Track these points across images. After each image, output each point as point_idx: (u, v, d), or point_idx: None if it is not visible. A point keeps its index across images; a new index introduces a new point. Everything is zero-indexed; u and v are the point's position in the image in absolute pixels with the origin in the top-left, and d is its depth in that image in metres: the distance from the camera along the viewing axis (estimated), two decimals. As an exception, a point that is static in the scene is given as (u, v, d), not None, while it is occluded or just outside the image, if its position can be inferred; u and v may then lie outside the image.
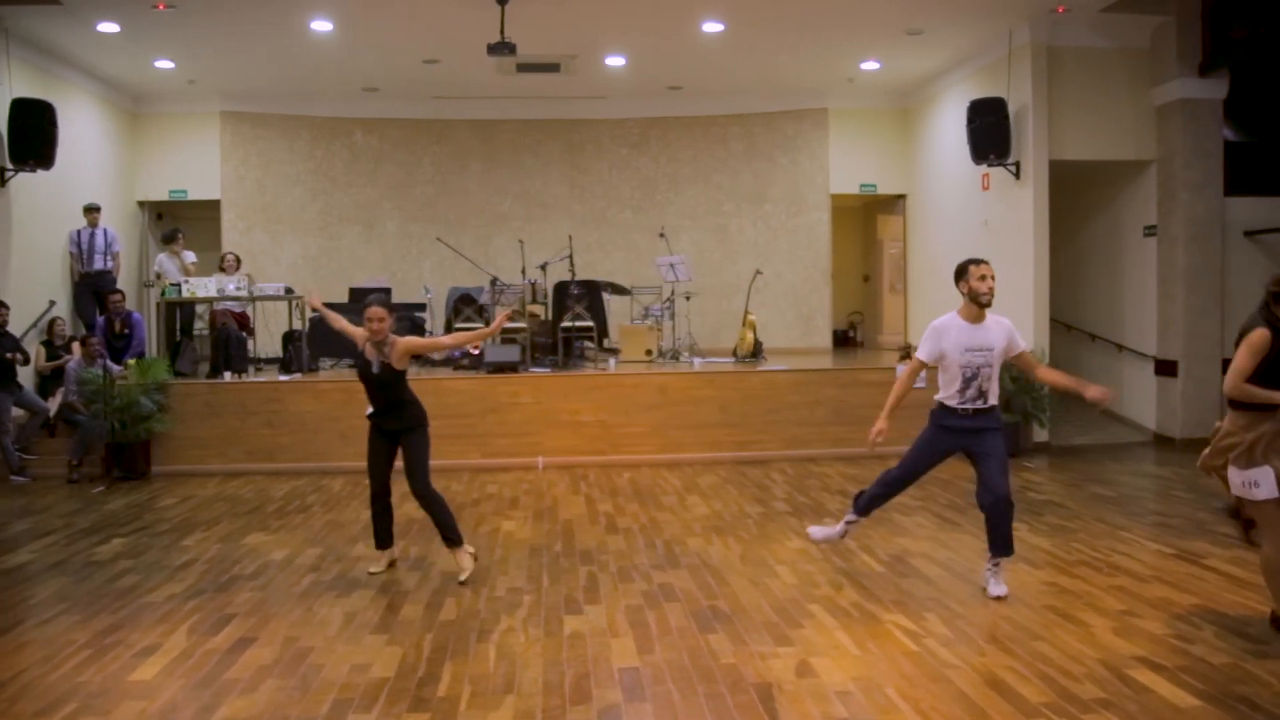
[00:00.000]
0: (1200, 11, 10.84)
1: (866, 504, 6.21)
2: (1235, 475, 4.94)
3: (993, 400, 5.73)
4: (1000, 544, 5.69)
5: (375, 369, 6.22)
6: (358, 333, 6.37)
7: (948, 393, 5.74)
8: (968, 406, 5.69)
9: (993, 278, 5.66)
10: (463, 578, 6.14)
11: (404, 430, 6.29)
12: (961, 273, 5.70)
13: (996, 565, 5.76)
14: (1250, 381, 4.88)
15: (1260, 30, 10.14)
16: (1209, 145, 11.01)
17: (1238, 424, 4.98)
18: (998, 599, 5.64)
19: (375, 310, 6.20)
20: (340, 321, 6.75)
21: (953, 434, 5.77)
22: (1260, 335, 4.92)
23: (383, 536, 6.43)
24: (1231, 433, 5.01)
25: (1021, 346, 5.78)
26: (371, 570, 6.39)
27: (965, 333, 5.65)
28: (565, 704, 4.24)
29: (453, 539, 6.24)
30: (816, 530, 6.55)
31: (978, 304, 5.65)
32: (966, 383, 5.67)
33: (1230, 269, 11.15)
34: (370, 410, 6.40)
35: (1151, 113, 11.31)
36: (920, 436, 5.94)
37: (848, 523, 6.34)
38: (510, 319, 6.42)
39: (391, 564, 6.50)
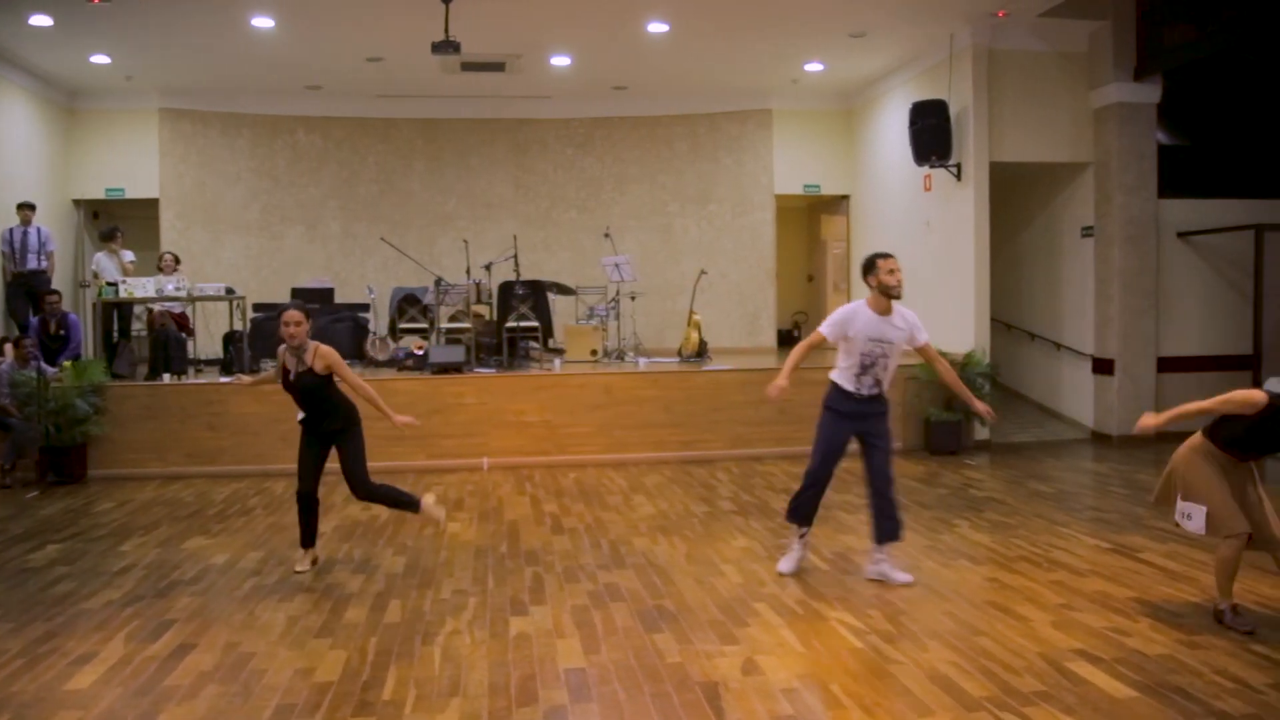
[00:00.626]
0: (1135, 17, 11.07)
1: (806, 512, 6.21)
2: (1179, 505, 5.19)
3: (885, 387, 6.00)
4: (891, 529, 5.99)
5: (292, 376, 6.18)
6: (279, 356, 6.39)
7: (845, 377, 5.96)
8: (863, 392, 5.93)
9: (900, 271, 5.82)
10: (439, 511, 6.59)
11: (338, 431, 6.25)
12: (870, 267, 5.87)
13: (884, 553, 6.04)
14: (1235, 436, 5.03)
15: (1193, 36, 10.37)
16: (1144, 148, 11.23)
17: (1190, 448, 5.20)
18: (908, 585, 5.90)
19: (291, 314, 6.07)
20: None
21: (849, 418, 5.99)
22: (1255, 397, 4.90)
23: (308, 535, 6.43)
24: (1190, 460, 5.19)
25: (923, 339, 5.98)
26: (298, 569, 6.38)
27: (872, 324, 5.84)
28: (511, 705, 4.22)
29: (413, 505, 6.44)
30: (784, 563, 6.30)
31: (888, 296, 5.83)
32: (864, 369, 5.90)
33: (1165, 269, 11.39)
34: (301, 415, 6.34)
35: (1089, 116, 11.51)
36: (821, 426, 6.08)
37: (801, 539, 6.31)
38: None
39: (314, 562, 6.49)
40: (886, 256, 5.87)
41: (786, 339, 16.50)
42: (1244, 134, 12.02)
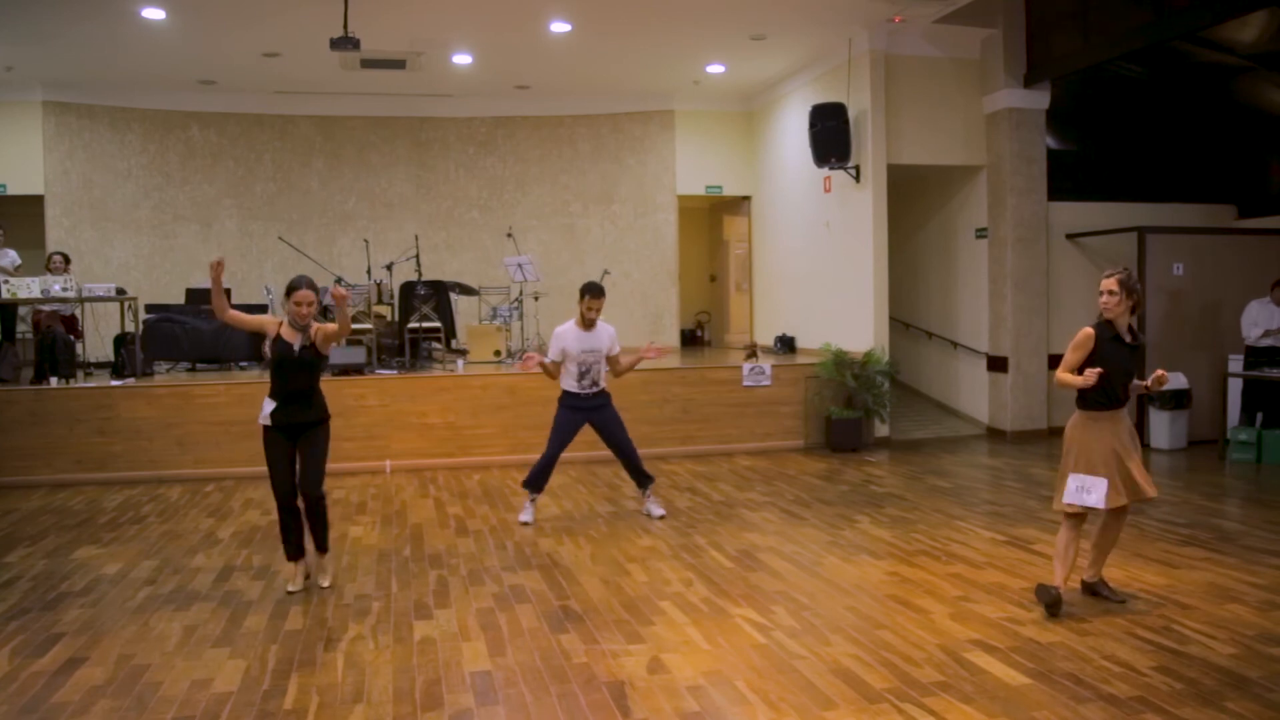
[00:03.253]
0: (1024, 26, 11.41)
1: (540, 483, 7.75)
2: (1072, 481, 5.33)
3: (603, 385, 7.71)
4: (644, 479, 7.86)
5: (297, 350, 5.79)
6: (266, 321, 5.98)
7: (570, 382, 7.60)
8: (586, 391, 7.60)
9: (598, 310, 7.52)
10: (326, 582, 6.03)
11: (312, 423, 5.91)
12: (580, 299, 7.52)
13: (647, 493, 7.91)
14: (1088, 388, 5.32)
15: (1078, 46, 10.73)
16: (1033, 152, 11.57)
17: (1073, 426, 5.44)
18: (663, 517, 7.80)
19: (306, 294, 5.79)
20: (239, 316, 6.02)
21: (580, 411, 7.65)
22: (1083, 332, 5.34)
23: (296, 545, 5.97)
24: (1070, 437, 5.46)
25: (615, 350, 7.70)
26: (290, 589, 5.91)
27: (580, 339, 7.55)
28: (416, 711, 4.18)
29: (327, 545, 6.15)
30: (525, 515, 7.79)
31: (584, 323, 7.54)
32: (583, 374, 7.58)
33: (1054, 270, 11.75)
34: (272, 408, 5.84)
35: (981, 120, 11.82)
36: (557, 419, 7.66)
37: (532, 501, 7.84)
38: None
39: (307, 575, 6.08)
40: (591, 295, 7.50)
41: (690, 339, 16.65)
42: (1127, 140, 12.49)
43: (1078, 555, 5.48)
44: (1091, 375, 5.14)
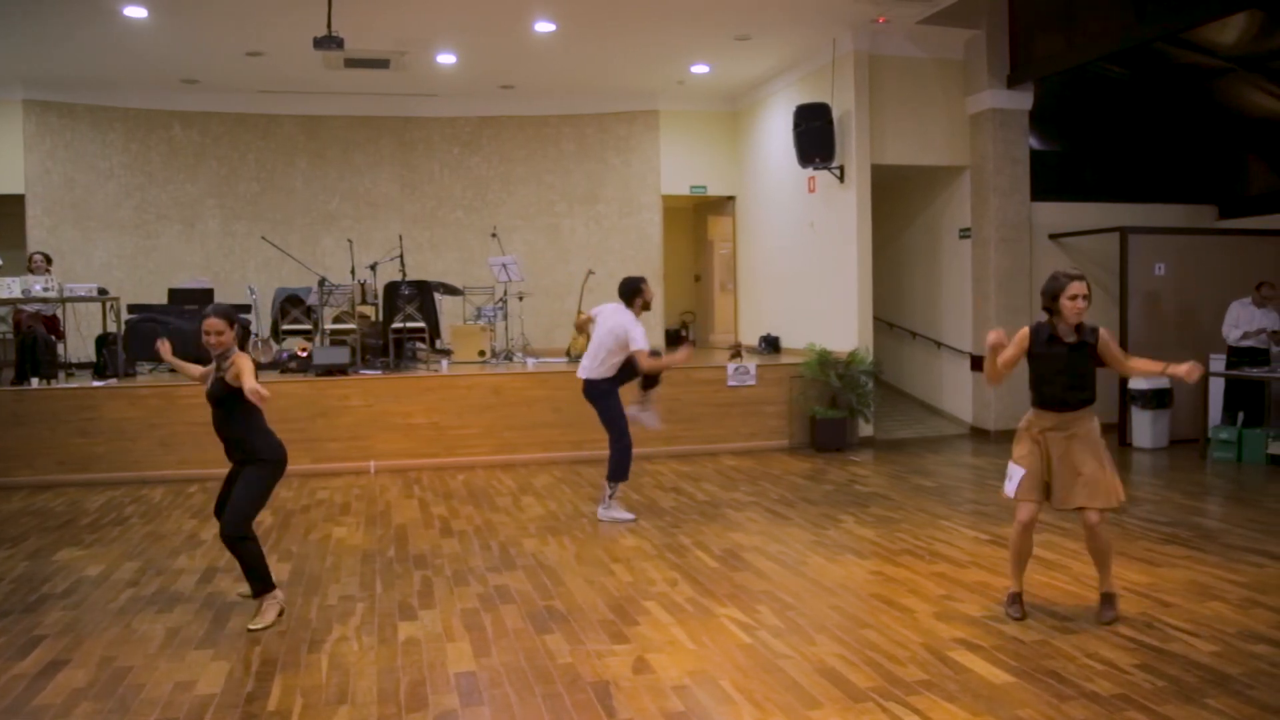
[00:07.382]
0: (1008, 27, 11.46)
1: (624, 471, 7.81)
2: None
3: None
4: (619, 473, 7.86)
5: (209, 386, 5.38)
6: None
7: (614, 371, 7.73)
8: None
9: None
10: (255, 626, 5.25)
11: (243, 462, 5.40)
12: (639, 292, 7.68)
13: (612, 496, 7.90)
14: (1031, 384, 5.33)
15: (1061, 47, 10.79)
16: (1017, 153, 11.63)
17: (1026, 417, 5.43)
18: (631, 521, 7.73)
19: (211, 322, 5.21)
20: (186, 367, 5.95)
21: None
22: (1021, 331, 5.30)
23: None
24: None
25: None
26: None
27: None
28: (401, 712, 4.17)
29: (262, 588, 5.41)
30: (626, 514, 7.84)
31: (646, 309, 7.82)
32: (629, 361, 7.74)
33: (1037, 270, 11.78)
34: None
35: (965, 121, 11.87)
36: (618, 406, 7.80)
37: (613, 496, 7.88)
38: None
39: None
40: (646, 282, 7.81)
41: (674, 339, 16.62)
42: (1110, 140, 12.57)
43: (1030, 556, 5.37)
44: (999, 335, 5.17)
